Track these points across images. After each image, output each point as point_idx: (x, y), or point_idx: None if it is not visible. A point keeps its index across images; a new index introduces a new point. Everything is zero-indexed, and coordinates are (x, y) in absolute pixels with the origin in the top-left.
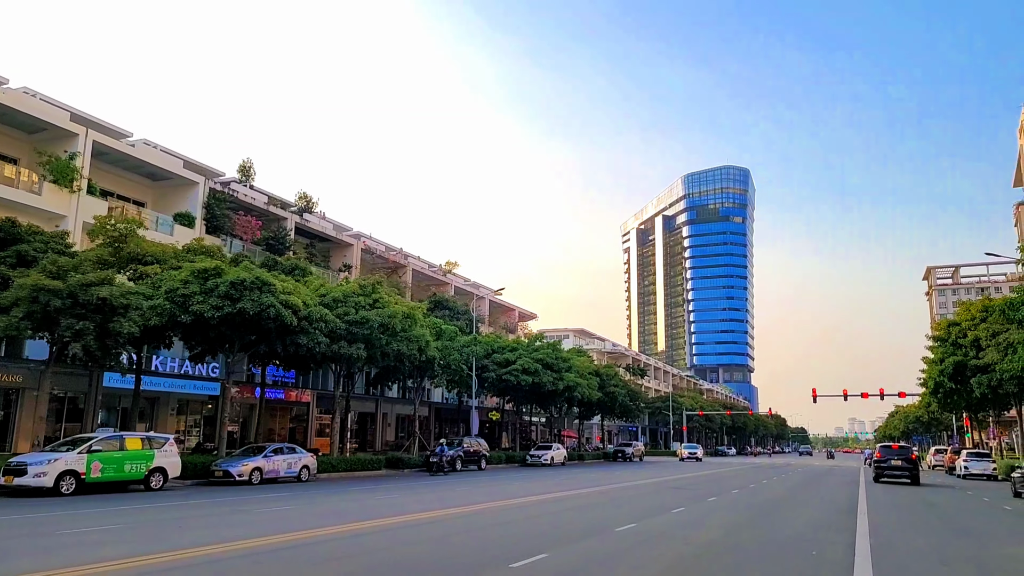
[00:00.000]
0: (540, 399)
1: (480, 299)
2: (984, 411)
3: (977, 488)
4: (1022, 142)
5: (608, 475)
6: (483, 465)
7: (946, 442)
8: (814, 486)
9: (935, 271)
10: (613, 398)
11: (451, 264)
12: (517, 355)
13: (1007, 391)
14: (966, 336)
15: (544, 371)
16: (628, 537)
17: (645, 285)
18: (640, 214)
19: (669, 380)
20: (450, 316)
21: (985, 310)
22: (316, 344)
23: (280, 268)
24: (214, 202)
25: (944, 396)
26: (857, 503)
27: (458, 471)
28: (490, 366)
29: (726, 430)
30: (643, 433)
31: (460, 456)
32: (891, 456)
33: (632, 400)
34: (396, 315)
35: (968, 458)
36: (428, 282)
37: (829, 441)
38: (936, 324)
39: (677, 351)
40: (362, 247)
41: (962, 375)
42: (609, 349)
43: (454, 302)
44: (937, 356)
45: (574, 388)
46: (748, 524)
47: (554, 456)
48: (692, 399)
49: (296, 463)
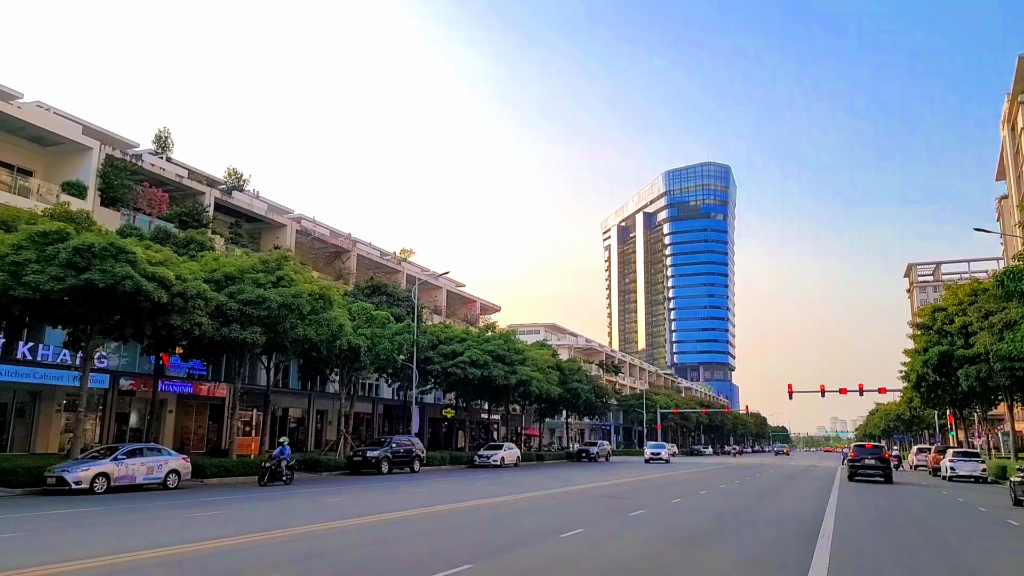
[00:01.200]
0: (492, 394)
1: (437, 289)
2: (970, 407)
3: (967, 492)
4: (1004, 134)
5: (552, 478)
6: (417, 467)
7: (928, 441)
8: (779, 492)
9: (916, 268)
10: (576, 394)
11: (406, 252)
12: (466, 346)
13: (998, 383)
14: (952, 323)
15: (495, 364)
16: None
17: (626, 283)
18: (621, 211)
19: (645, 378)
20: (389, 303)
21: (974, 293)
22: (194, 326)
23: (173, 241)
24: (112, 171)
25: (927, 390)
26: (823, 519)
27: (384, 474)
28: (435, 358)
29: (703, 429)
30: (616, 432)
31: (387, 457)
32: (865, 455)
33: (598, 397)
34: (302, 295)
35: (955, 458)
36: (379, 270)
37: (810, 440)
38: (920, 310)
39: (658, 349)
40: (297, 228)
41: (947, 367)
42: (582, 345)
43: (394, 287)
44: (920, 345)
45: (529, 382)
46: (655, 557)
47: (505, 457)
48: (668, 397)
49: (160, 467)
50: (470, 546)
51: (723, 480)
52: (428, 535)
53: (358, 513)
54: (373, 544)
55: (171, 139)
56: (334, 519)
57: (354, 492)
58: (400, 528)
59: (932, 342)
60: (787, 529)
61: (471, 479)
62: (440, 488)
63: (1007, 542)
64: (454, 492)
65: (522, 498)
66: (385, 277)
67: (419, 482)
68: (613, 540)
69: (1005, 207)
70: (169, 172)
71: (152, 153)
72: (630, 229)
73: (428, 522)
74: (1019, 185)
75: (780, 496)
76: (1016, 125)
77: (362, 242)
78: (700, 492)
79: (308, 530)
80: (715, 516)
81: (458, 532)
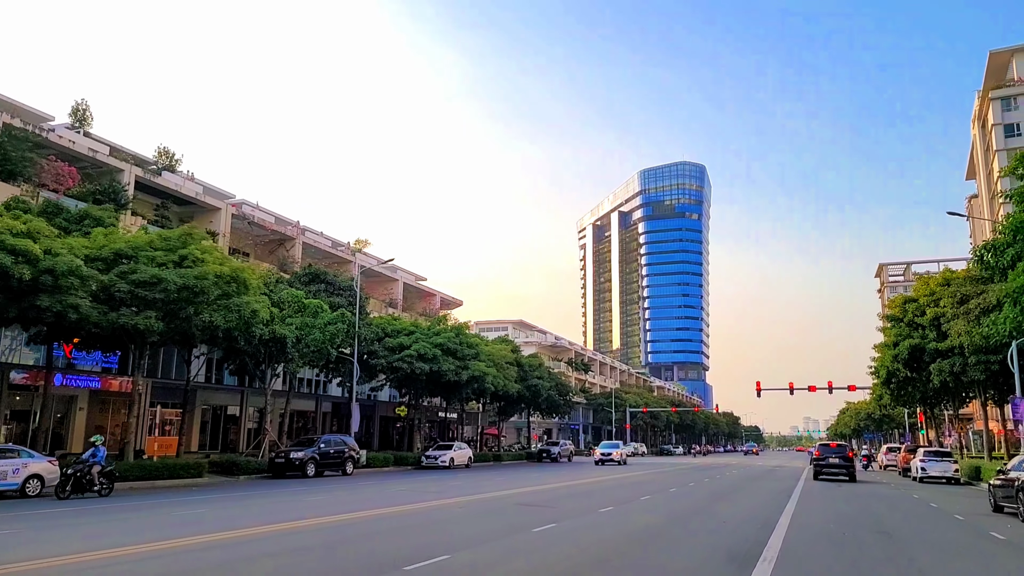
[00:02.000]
0: (444, 390)
1: (392, 281)
2: (942, 404)
3: (939, 495)
4: (975, 132)
5: (492, 481)
6: (350, 469)
7: (898, 440)
8: (734, 496)
9: (887, 268)
10: (536, 392)
11: (361, 243)
12: (413, 339)
13: (972, 378)
14: (924, 315)
15: (445, 358)
16: None
17: (601, 282)
18: (596, 210)
19: (616, 376)
20: (329, 292)
21: (947, 283)
22: (68, 309)
23: (65, 216)
24: (9, 142)
25: (897, 387)
26: (772, 533)
27: (310, 477)
28: (380, 351)
29: (674, 428)
30: (586, 431)
31: (313, 459)
32: (829, 454)
33: (561, 394)
34: (207, 276)
35: (925, 458)
36: (328, 260)
37: (783, 440)
38: (890, 301)
39: (632, 349)
40: (234, 213)
41: (919, 361)
42: (550, 342)
43: (336, 276)
44: (890, 339)
45: (482, 378)
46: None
47: (455, 457)
48: (638, 396)
49: (17, 471)
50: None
51: (678, 483)
52: (220, 570)
53: (154, 537)
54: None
55: (90, 112)
56: (95, 549)
57: (215, 503)
58: (187, 560)
59: (903, 335)
60: (724, 548)
61: (399, 483)
62: (346, 495)
63: (997, 563)
64: (357, 500)
65: (422, 508)
66: (336, 268)
67: (335, 487)
68: (482, 570)
69: (975, 206)
70: (81, 146)
71: (69, 127)
72: (605, 228)
73: (239, 549)
74: (989, 183)
75: (733, 501)
76: (987, 122)
77: (312, 231)
78: (643, 498)
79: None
80: (642, 530)
81: (264, 566)
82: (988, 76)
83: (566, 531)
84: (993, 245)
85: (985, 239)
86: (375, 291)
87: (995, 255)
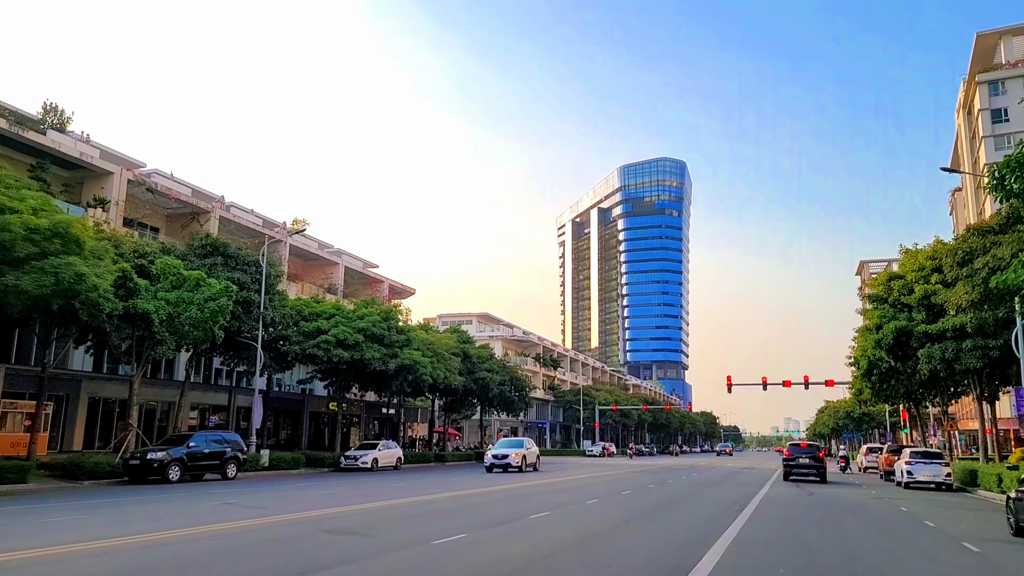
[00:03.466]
0: (372, 382)
1: (332, 265)
2: (929, 399)
3: (934, 509)
4: (959, 122)
5: (378, 488)
6: (232, 472)
7: (878, 440)
8: (669, 511)
9: (868, 265)
10: (485, 386)
11: (299, 223)
12: (333, 323)
13: (966, 366)
14: (912, 292)
15: (369, 345)
16: None
17: (580, 280)
18: (576, 206)
19: (589, 373)
20: (228, 267)
21: (935, 258)
22: None
23: None
24: None
25: (880, 379)
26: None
27: (174, 483)
28: (294, 336)
29: (647, 428)
30: (554, 430)
31: (180, 460)
32: (799, 455)
33: (517, 390)
34: (10, 227)
35: (912, 460)
36: (256, 239)
37: (763, 440)
38: (872, 280)
39: (611, 347)
40: (130, 179)
41: (905, 348)
42: (517, 336)
43: (241, 249)
44: (872, 322)
45: (415, 369)
46: None
47: (379, 458)
48: (610, 394)
49: None
50: None
51: (610, 490)
52: None
53: None
54: None
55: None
56: None
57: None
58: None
59: (887, 317)
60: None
61: (264, 491)
62: (139, 514)
63: None
64: (141, 521)
65: (153, 540)
66: (260, 247)
67: (158, 498)
68: None
69: (959, 199)
70: None
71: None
72: (585, 225)
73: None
74: (975, 171)
75: (662, 519)
76: (973, 108)
77: (238, 206)
78: (532, 516)
79: None
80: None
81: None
82: (975, 60)
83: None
84: (1018, 161)
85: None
86: (313, 275)
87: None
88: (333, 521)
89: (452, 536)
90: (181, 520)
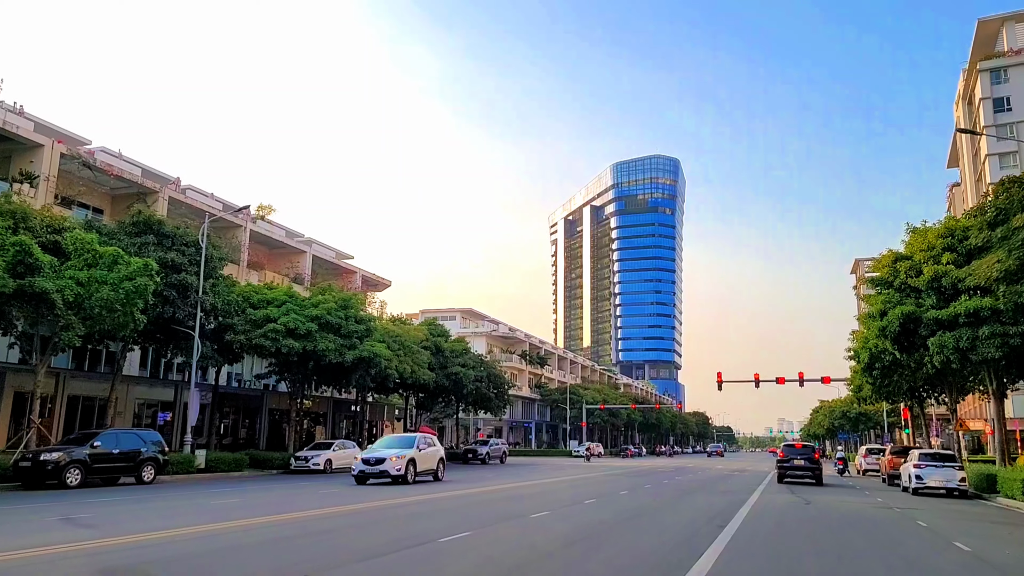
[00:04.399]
0: (329, 376)
1: (299, 253)
2: (936, 396)
3: (958, 522)
4: (958, 114)
5: (272, 499)
6: (148, 476)
7: (874, 441)
8: (631, 527)
9: (863, 263)
10: (458, 381)
11: (264, 209)
12: (284, 311)
13: (983, 356)
14: (921, 274)
15: (323, 335)
16: None
17: (572, 278)
18: (568, 204)
19: (578, 372)
20: (162, 247)
21: (946, 235)
22: None
23: None
24: None
25: (882, 373)
26: None
27: (73, 487)
28: (239, 325)
29: (637, 427)
30: (541, 430)
31: (81, 463)
32: (794, 455)
33: (496, 387)
34: None
35: (921, 462)
36: (218, 224)
37: (757, 441)
38: (875, 262)
39: (603, 347)
40: (63, 152)
41: (912, 337)
42: (502, 333)
43: (180, 228)
44: (876, 308)
45: (376, 362)
46: None
47: (332, 459)
48: (598, 392)
49: None
50: None
51: (572, 499)
52: None
53: None
54: None
55: None
56: None
57: None
58: None
59: (892, 302)
60: None
61: (148, 504)
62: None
63: None
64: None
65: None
66: (223, 234)
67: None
68: None
69: (957, 195)
70: None
71: None
72: (577, 223)
73: None
74: (975, 165)
75: (615, 543)
76: (974, 97)
77: (196, 189)
78: (440, 540)
79: None
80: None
81: None
82: (976, 48)
83: None
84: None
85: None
86: (278, 264)
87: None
88: (126, 554)
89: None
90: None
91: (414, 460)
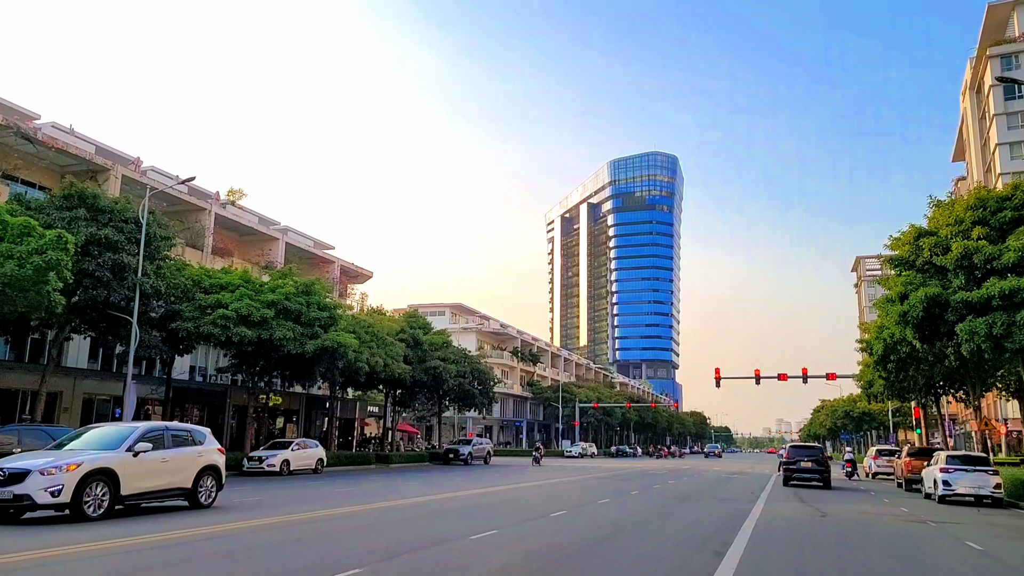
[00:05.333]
0: (291, 368)
1: (271, 240)
2: (953, 391)
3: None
4: (965, 105)
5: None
6: None
7: (875, 441)
8: (608, 550)
9: (864, 261)
10: (438, 376)
11: (235, 193)
12: (237, 296)
13: (1020, 344)
14: (949, 252)
15: (280, 322)
16: None
17: (569, 277)
18: (565, 201)
19: (573, 370)
20: (96, 223)
21: (980, 205)
22: None
23: None
24: None
25: (897, 367)
26: None
27: None
28: (187, 311)
29: (633, 427)
30: (532, 429)
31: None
32: (800, 457)
33: (480, 383)
34: None
35: (949, 466)
36: (180, 207)
37: (755, 441)
38: (895, 240)
39: (600, 345)
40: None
41: (936, 324)
42: (493, 329)
43: (119, 201)
44: (896, 291)
45: (341, 353)
46: None
47: (291, 460)
48: (592, 391)
49: None
50: None
51: (542, 510)
52: None
53: None
54: None
55: None
56: None
57: None
58: None
59: (914, 284)
60: None
61: None
62: None
63: None
64: None
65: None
66: (185, 217)
67: None
68: None
69: (963, 188)
70: None
71: None
72: (574, 220)
73: None
74: (984, 155)
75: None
76: (983, 85)
77: (159, 171)
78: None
79: None
80: None
81: None
82: (985, 34)
83: None
84: None
85: None
86: (247, 251)
87: None
88: None
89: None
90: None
91: (108, 473)
